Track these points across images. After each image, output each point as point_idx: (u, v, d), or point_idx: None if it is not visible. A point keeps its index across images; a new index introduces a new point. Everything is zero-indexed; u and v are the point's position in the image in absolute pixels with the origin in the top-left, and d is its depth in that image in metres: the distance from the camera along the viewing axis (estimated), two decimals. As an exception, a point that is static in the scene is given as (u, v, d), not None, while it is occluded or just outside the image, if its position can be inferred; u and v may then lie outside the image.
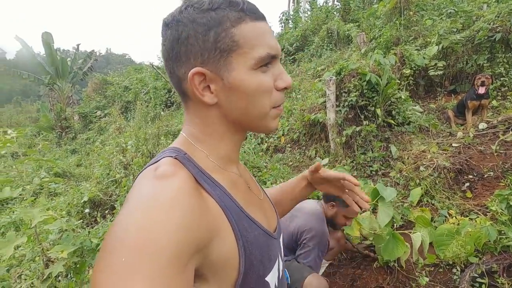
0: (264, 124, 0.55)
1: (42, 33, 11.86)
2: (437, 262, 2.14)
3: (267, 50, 0.50)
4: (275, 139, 5.00)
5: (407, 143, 3.68)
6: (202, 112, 0.54)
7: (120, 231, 0.37)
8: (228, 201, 0.50)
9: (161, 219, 0.37)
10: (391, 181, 3.21)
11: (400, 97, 4.15)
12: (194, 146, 0.55)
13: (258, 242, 0.52)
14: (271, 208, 0.69)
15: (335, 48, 9.91)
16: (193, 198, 0.43)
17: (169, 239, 0.36)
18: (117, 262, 0.34)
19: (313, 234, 1.68)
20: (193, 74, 0.49)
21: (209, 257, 0.44)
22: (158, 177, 0.44)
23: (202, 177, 0.49)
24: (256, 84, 0.50)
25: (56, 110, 11.21)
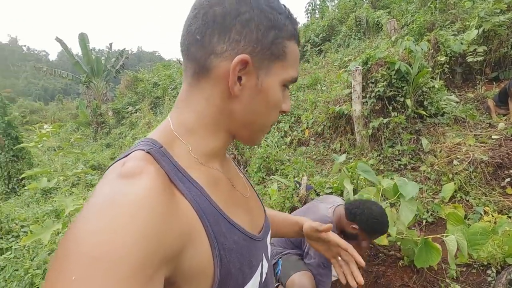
0: (257, 136, 0.56)
1: (79, 34, 12.60)
2: (469, 262, 2.00)
3: (296, 74, 0.53)
4: (299, 132, 4.93)
5: (440, 135, 3.44)
6: (214, 97, 0.49)
7: (72, 241, 0.32)
8: (205, 203, 0.45)
9: (121, 226, 0.33)
10: (421, 175, 3.03)
11: (433, 86, 3.89)
12: (176, 138, 0.49)
13: (237, 248, 0.47)
14: (257, 206, 0.65)
15: (364, 37, 9.49)
16: (161, 200, 0.38)
17: (130, 250, 0.32)
18: (67, 280, 0.29)
19: None
20: (241, 59, 0.45)
21: (181, 266, 0.40)
22: (123, 175, 0.39)
23: (176, 175, 0.44)
24: (278, 98, 0.52)
25: (92, 106, 11.90)
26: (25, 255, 2.96)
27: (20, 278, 2.71)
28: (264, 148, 4.14)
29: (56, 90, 48.14)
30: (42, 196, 5.50)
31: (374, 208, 1.55)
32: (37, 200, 5.23)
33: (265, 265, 0.58)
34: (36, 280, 2.56)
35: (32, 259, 2.88)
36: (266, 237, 0.62)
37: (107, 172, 0.42)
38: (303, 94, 6.16)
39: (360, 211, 1.54)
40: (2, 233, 3.42)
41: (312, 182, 3.22)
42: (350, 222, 1.58)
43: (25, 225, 3.56)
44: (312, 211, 1.73)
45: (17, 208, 4.55)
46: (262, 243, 0.58)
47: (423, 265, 1.72)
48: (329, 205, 1.72)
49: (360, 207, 1.55)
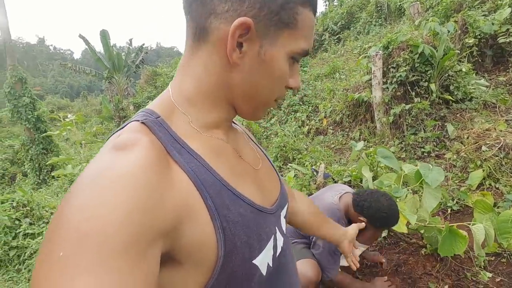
0: (258, 110, 0.52)
1: (100, 31, 12.97)
2: (499, 251, 1.89)
3: (309, 46, 0.47)
4: (317, 122, 4.84)
5: (467, 121, 3.26)
6: (212, 63, 0.45)
7: (62, 216, 0.31)
8: (205, 174, 0.42)
9: (110, 200, 0.31)
10: (446, 163, 2.89)
11: (461, 70, 3.67)
12: (175, 108, 0.47)
13: (244, 221, 0.44)
14: (272, 178, 0.62)
15: (385, 23, 9.12)
16: (154, 173, 0.36)
17: (119, 225, 0.30)
18: (54, 258, 0.28)
19: None
20: (241, 22, 0.40)
21: (180, 240, 0.38)
22: (115, 147, 0.37)
23: (174, 146, 0.42)
24: (283, 71, 0.47)
25: (114, 101, 12.29)
26: (55, 240, 3.13)
27: (50, 261, 2.88)
28: (281, 137, 4.11)
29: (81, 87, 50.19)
30: (70, 185, 5.79)
31: (383, 201, 1.47)
32: (65, 190, 5.51)
33: (279, 239, 0.55)
34: (64, 262, 2.71)
35: (61, 244, 3.05)
36: (280, 211, 0.59)
37: (104, 145, 0.41)
38: (321, 84, 6.04)
39: (367, 204, 1.48)
40: (34, 219, 3.64)
41: (330, 170, 3.16)
42: (358, 214, 1.52)
43: (54, 212, 3.76)
44: (318, 200, 1.68)
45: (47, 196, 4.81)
46: (274, 216, 0.55)
47: (448, 253, 1.64)
48: (335, 193, 1.66)
49: (368, 200, 1.48)
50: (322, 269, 1.58)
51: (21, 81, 7.17)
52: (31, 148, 7.29)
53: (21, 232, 3.32)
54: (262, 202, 0.51)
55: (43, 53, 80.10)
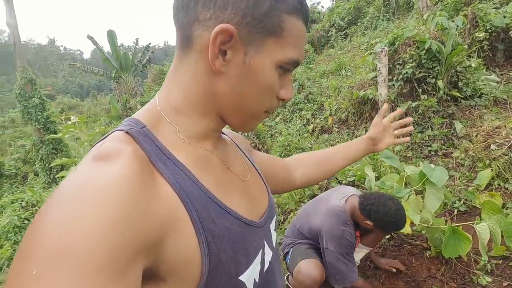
0: (239, 121, 0.49)
1: (107, 31, 13.13)
2: (506, 254, 1.83)
3: (298, 56, 0.46)
4: (322, 120, 4.79)
5: (477, 118, 3.16)
6: (198, 71, 0.44)
7: (35, 231, 0.29)
8: (190, 186, 0.41)
9: (88, 214, 0.29)
10: (454, 162, 2.82)
11: (470, 65, 3.56)
12: (162, 117, 0.45)
13: (230, 235, 0.43)
14: (260, 190, 0.59)
15: (393, 18, 8.94)
16: (136, 185, 0.34)
17: (100, 239, 0.28)
18: (27, 275, 0.27)
19: (329, 237, 1.53)
20: (222, 29, 0.39)
21: (163, 255, 0.36)
22: (97, 157, 0.36)
23: (158, 156, 0.41)
24: (270, 81, 0.45)
25: (122, 101, 12.45)
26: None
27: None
28: (285, 136, 4.07)
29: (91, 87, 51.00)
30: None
31: (390, 205, 1.46)
32: (74, 189, 5.63)
33: (267, 253, 0.53)
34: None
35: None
36: (270, 223, 0.57)
37: (86, 155, 0.39)
38: (326, 81, 5.96)
39: (375, 208, 1.46)
40: (43, 219, 3.72)
41: (334, 170, 3.12)
42: (365, 217, 1.51)
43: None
44: (324, 201, 1.67)
45: (56, 196, 4.92)
46: (262, 229, 0.53)
47: (451, 254, 1.60)
48: (341, 195, 1.64)
49: (375, 204, 1.47)
50: (341, 276, 1.55)
51: (30, 83, 7.31)
52: (41, 148, 7.45)
53: (30, 232, 3.40)
54: (250, 215, 0.50)
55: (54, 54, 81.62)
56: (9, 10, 7.48)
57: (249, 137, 4.23)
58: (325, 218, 1.55)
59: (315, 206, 1.69)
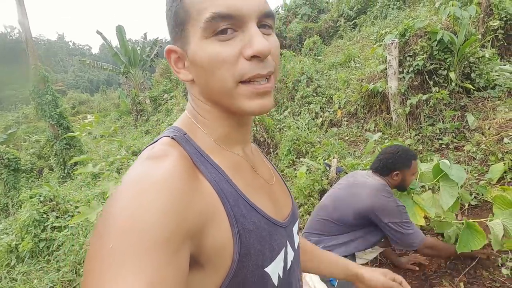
0: (236, 105, 0.47)
1: (116, 27, 13.19)
2: (518, 249, 1.83)
3: (212, 9, 0.42)
4: (331, 113, 4.77)
5: (490, 110, 3.10)
6: (190, 89, 0.54)
7: (108, 216, 0.36)
8: (225, 185, 0.47)
9: (149, 202, 0.36)
10: (465, 155, 2.79)
11: (483, 56, 3.47)
12: (195, 125, 0.53)
13: (258, 230, 0.48)
14: (284, 195, 0.65)
15: (404, 6, 8.70)
16: (185, 180, 0.41)
17: (158, 223, 0.35)
18: (105, 249, 0.33)
19: (387, 212, 1.57)
20: (166, 52, 0.49)
21: (203, 243, 0.42)
22: (150, 157, 0.43)
23: (199, 159, 0.47)
24: (207, 55, 0.44)
25: (131, 95, 12.58)
26: (79, 232, 3.32)
27: (76, 252, 3.06)
28: (293, 130, 4.08)
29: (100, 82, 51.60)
30: (92, 180, 6.06)
31: (391, 149, 1.72)
32: (88, 184, 5.78)
33: (289, 253, 0.57)
34: (89, 254, 2.87)
35: (85, 236, 3.23)
36: (292, 226, 0.61)
37: (139, 156, 0.47)
38: (335, 73, 5.90)
39: (384, 162, 1.69)
40: (60, 213, 3.86)
41: (344, 164, 3.13)
42: (391, 173, 1.69)
43: (78, 206, 3.97)
44: (360, 185, 1.68)
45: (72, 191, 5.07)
46: (286, 230, 0.57)
47: (465, 249, 1.61)
48: (367, 175, 1.75)
49: (383, 159, 1.70)
50: (410, 242, 1.60)
51: (43, 80, 7.47)
52: (56, 143, 7.65)
53: (48, 225, 3.54)
54: (275, 215, 0.55)
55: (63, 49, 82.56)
56: (20, 9, 7.60)
57: (258, 132, 4.25)
58: (375, 195, 1.60)
59: (350, 192, 1.70)
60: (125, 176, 0.41)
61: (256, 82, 0.46)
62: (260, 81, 0.46)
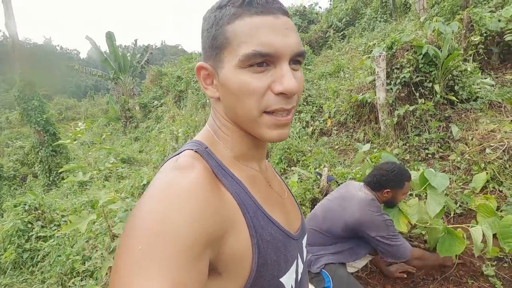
0: (257, 131, 0.51)
1: (106, 33, 13.08)
2: (501, 255, 1.90)
3: (253, 47, 0.45)
4: (321, 122, 4.85)
5: (472, 122, 3.24)
6: (213, 104, 0.57)
7: (138, 218, 0.39)
8: (245, 197, 0.50)
9: (176, 208, 0.39)
10: (450, 165, 2.89)
11: (466, 69, 3.64)
12: (216, 140, 0.55)
13: (274, 241, 0.50)
14: (294, 208, 0.68)
15: (390, 19, 9.00)
16: (209, 190, 0.43)
17: (184, 228, 0.37)
18: (134, 250, 0.36)
19: (374, 226, 1.59)
20: (197, 68, 0.53)
21: (223, 251, 0.44)
22: (177, 168, 0.46)
23: (220, 171, 0.50)
24: (239, 84, 0.47)
25: (120, 102, 12.43)
26: (66, 243, 3.23)
27: (62, 263, 2.97)
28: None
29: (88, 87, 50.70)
30: (79, 188, 5.91)
31: (385, 166, 1.69)
32: (75, 192, 5.64)
33: (300, 265, 0.59)
34: (76, 265, 2.79)
35: (72, 246, 3.14)
36: (302, 239, 0.64)
37: (163, 166, 0.49)
38: (325, 83, 6.02)
39: (378, 178, 1.67)
40: (46, 222, 3.75)
41: (334, 173, 3.18)
42: (382, 190, 1.68)
43: (64, 215, 3.87)
44: (349, 198, 1.70)
45: (57, 199, 4.94)
46: (297, 243, 0.60)
47: (446, 253, 1.67)
48: (358, 188, 1.75)
49: (378, 175, 1.67)
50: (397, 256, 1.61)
51: (30, 85, 7.31)
52: (41, 150, 7.45)
53: (33, 235, 3.43)
54: (288, 228, 0.57)
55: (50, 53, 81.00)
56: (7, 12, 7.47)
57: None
58: (363, 210, 1.61)
59: (340, 204, 1.72)
60: (151, 185, 0.44)
61: (279, 114, 0.49)
62: (283, 113, 0.49)
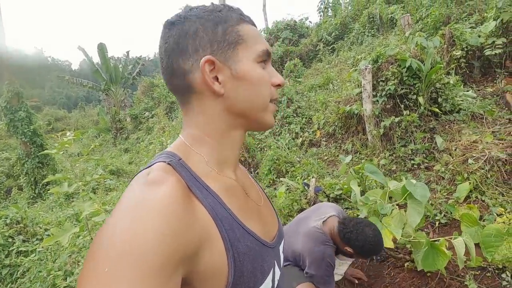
0: (265, 117, 0.57)
1: (98, 44, 13.10)
2: (484, 265, 1.92)
3: (265, 46, 0.55)
4: (310, 133, 4.90)
5: (456, 133, 3.32)
6: (206, 106, 0.54)
7: (105, 237, 0.37)
8: (220, 210, 0.49)
9: (146, 227, 0.37)
10: (435, 175, 2.94)
11: (448, 82, 3.76)
12: (191, 149, 0.54)
13: (250, 253, 0.50)
14: (271, 214, 0.68)
15: (378, 34, 9.28)
16: (181, 205, 0.42)
17: (154, 248, 0.36)
18: (100, 272, 0.34)
19: (310, 260, 1.57)
20: (205, 61, 0.51)
21: (197, 266, 0.43)
22: (148, 183, 0.44)
23: (194, 184, 0.49)
24: (259, 75, 0.54)
25: (111, 113, 12.34)
26: (48, 257, 3.12)
27: (43, 279, 2.86)
28: (274, 150, 4.15)
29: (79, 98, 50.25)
30: (65, 200, 5.77)
31: (368, 232, 1.53)
32: (60, 205, 5.49)
33: (277, 272, 0.59)
34: (57, 281, 2.69)
35: (54, 261, 3.04)
36: (279, 245, 0.64)
37: (133, 180, 0.47)
38: (314, 95, 6.12)
39: (354, 236, 1.53)
40: (28, 236, 3.62)
41: (322, 183, 3.20)
42: (344, 244, 1.57)
43: (48, 228, 3.75)
44: (302, 223, 1.70)
45: (42, 212, 4.80)
46: (274, 250, 0.60)
47: (430, 268, 1.68)
48: (319, 217, 1.69)
49: (354, 232, 1.53)
50: None
51: (17, 96, 7.21)
52: (27, 162, 7.28)
53: (14, 250, 3.30)
54: (265, 236, 0.57)
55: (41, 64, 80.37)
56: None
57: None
58: (305, 241, 1.59)
59: (295, 228, 1.70)
60: (121, 200, 0.43)
61: (275, 103, 0.59)
62: (276, 103, 0.59)
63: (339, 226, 1.60)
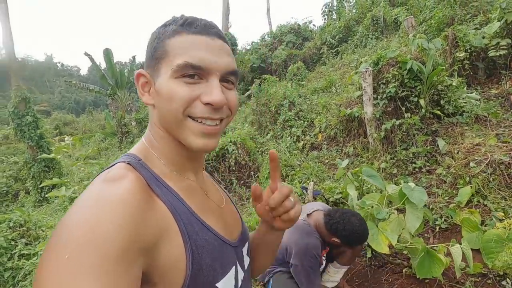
0: (184, 136, 0.53)
1: (103, 50, 13.32)
2: (484, 272, 1.86)
3: (186, 59, 0.50)
4: (312, 137, 4.87)
5: (458, 135, 3.26)
6: (151, 114, 0.58)
7: (64, 228, 0.38)
8: (179, 205, 0.51)
9: (106, 216, 0.38)
10: (437, 179, 2.89)
11: (451, 84, 3.70)
12: (150, 151, 0.56)
13: (209, 247, 0.51)
14: (234, 217, 0.69)
15: (381, 36, 9.23)
16: (139, 199, 0.43)
17: (114, 236, 0.37)
18: (61, 259, 0.34)
19: (295, 251, 1.55)
20: (136, 74, 0.56)
21: (157, 259, 0.44)
22: (107, 180, 0.46)
23: (154, 182, 0.50)
24: (169, 90, 0.51)
25: (117, 117, 12.47)
26: (49, 260, 3.14)
27: (43, 282, 2.88)
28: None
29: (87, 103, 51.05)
30: (69, 204, 5.83)
31: (354, 221, 1.53)
32: (65, 208, 5.55)
33: (240, 272, 0.60)
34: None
35: (54, 264, 3.06)
36: (241, 247, 0.65)
37: (95, 179, 0.49)
38: (317, 98, 6.09)
39: (341, 226, 1.53)
40: (31, 239, 3.66)
41: (322, 187, 3.16)
42: (331, 235, 1.57)
43: (50, 231, 3.79)
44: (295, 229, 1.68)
45: (46, 216, 4.86)
46: (236, 250, 0.61)
47: (426, 275, 1.64)
48: (304, 211, 1.69)
49: (341, 222, 1.54)
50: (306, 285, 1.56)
51: (24, 101, 7.35)
52: (33, 166, 7.40)
53: (16, 253, 3.34)
54: (225, 234, 0.59)
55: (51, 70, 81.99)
56: (5, 29, 7.62)
57: (240, 155, 4.27)
58: (291, 233, 1.58)
59: None
60: (81, 195, 0.44)
61: (207, 122, 0.53)
62: (211, 123, 0.53)
63: (325, 218, 1.61)
